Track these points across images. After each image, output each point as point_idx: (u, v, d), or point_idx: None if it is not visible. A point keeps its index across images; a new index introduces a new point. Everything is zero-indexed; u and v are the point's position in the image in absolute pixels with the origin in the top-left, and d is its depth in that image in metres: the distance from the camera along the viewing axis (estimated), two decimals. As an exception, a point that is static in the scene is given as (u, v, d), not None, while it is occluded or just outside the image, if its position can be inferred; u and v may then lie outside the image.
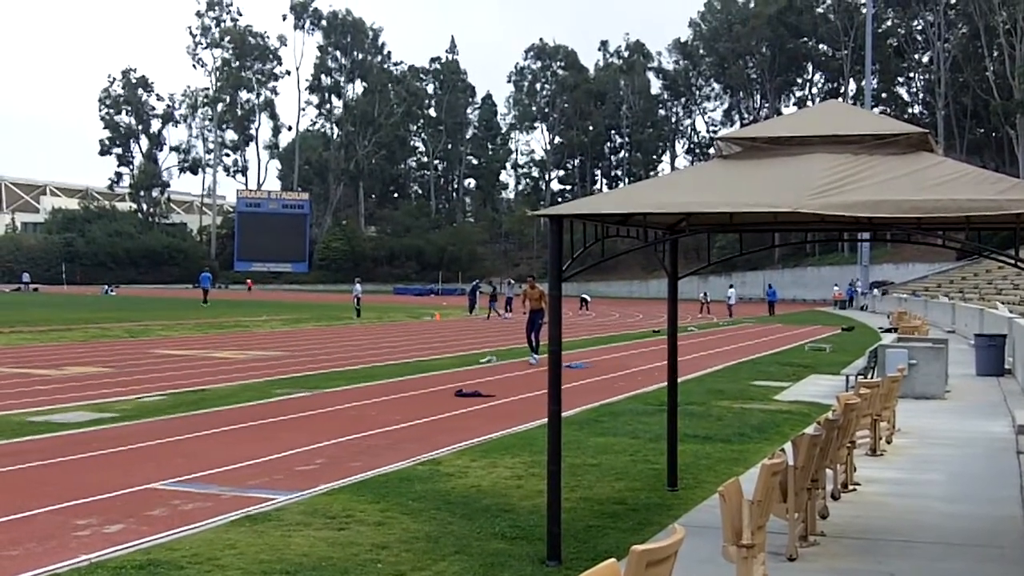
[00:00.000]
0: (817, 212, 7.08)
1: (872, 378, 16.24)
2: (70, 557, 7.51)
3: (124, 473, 10.74)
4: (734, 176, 7.99)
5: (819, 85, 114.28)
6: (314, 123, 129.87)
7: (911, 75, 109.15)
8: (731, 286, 64.29)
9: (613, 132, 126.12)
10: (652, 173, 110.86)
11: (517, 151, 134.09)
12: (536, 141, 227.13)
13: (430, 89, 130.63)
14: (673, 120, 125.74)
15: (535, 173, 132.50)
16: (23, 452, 11.90)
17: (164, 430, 13.73)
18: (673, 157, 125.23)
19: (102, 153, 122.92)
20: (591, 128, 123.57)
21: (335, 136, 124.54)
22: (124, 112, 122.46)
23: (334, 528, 8.46)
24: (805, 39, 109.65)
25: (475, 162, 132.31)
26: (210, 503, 9.39)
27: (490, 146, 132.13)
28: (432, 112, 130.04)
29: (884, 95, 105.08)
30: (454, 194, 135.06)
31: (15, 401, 16.41)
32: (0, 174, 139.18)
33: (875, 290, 73.61)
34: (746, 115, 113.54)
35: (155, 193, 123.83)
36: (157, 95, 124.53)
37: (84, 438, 13.04)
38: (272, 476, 10.70)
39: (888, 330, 38.34)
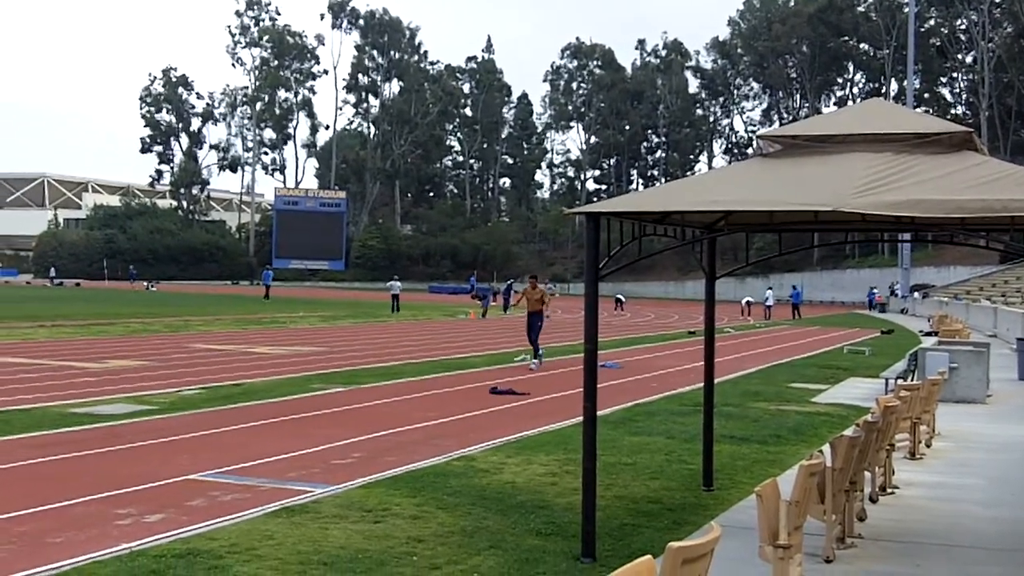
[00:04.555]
0: (858, 211, 7.03)
1: (912, 381, 16.10)
2: (111, 545, 7.61)
3: (164, 464, 10.86)
4: (774, 175, 7.94)
5: (860, 85, 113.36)
6: (351, 122, 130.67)
7: (954, 75, 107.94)
8: (769, 288, 63.91)
9: (650, 132, 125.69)
10: (689, 173, 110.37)
11: (553, 150, 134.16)
12: (572, 140, 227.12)
13: (466, 88, 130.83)
14: (711, 120, 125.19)
15: (570, 173, 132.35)
16: (65, 443, 12.06)
17: (203, 423, 13.87)
18: (710, 157, 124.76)
19: (143, 151, 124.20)
20: (627, 127, 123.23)
21: (372, 135, 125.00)
22: (165, 110, 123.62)
23: (370, 521, 8.51)
24: (846, 38, 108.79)
25: (510, 161, 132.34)
26: (248, 495, 9.47)
27: (525, 145, 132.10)
28: (468, 111, 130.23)
29: (926, 95, 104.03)
30: (489, 193, 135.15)
31: (58, 393, 16.62)
32: (43, 171, 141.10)
33: (915, 293, 72.92)
34: (785, 115, 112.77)
35: (195, 191, 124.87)
36: (197, 94, 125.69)
37: (125, 430, 13.19)
38: (309, 469, 10.78)
39: (928, 333, 38.00)
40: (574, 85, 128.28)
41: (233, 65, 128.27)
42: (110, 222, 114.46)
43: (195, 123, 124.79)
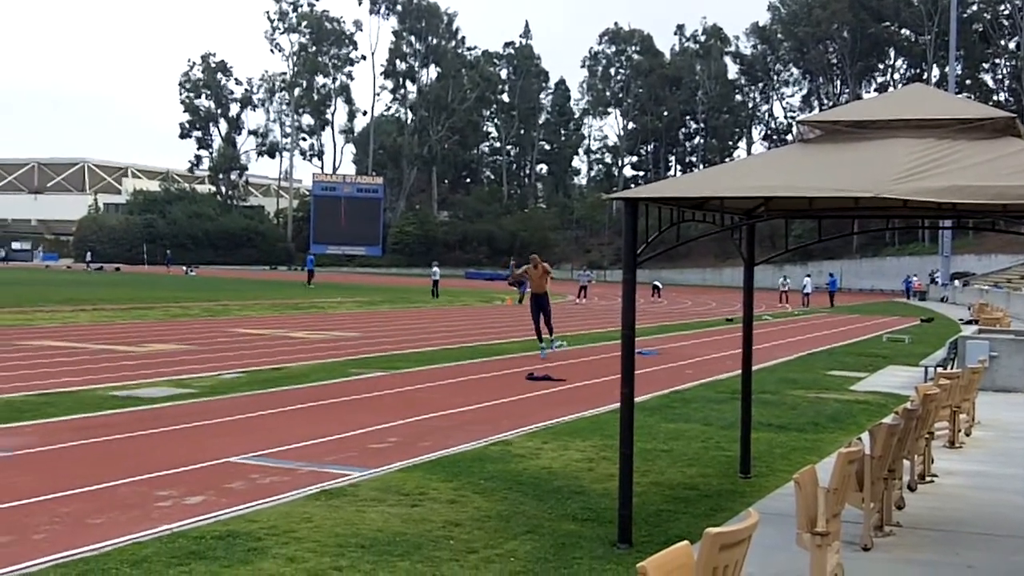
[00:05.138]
0: (899, 198, 6.97)
1: (952, 370, 15.95)
2: (152, 526, 7.71)
3: (203, 447, 10.98)
4: (815, 160, 7.89)
5: (901, 71, 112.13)
6: (388, 108, 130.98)
7: (996, 61, 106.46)
8: (807, 275, 63.45)
9: (688, 118, 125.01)
10: (728, 159, 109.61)
11: (590, 137, 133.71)
12: (609, 127, 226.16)
13: (503, 74, 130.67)
14: (750, 106, 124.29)
15: (608, 159, 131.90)
16: (107, 425, 12.22)
17: (242, 406, 14.00)
18: (749, 143, 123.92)
19: (182, 136, 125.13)
20: (666, 113, 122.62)
21: (409, 121, 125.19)
22: (204, 96, 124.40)
23: (407, 505, 8.57)
24: (887, 23, 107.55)
25: (547, 147, 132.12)
26: (287, 477, 9.56)
27: (563, 132, 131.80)
28: (505, 97, 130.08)
29: (968, 82, 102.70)
30: (526, 180, 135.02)
31: (99, 376, 16.83)
32: (83, 156, 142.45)
33: (956, 281, 72.15)
34: (825, 101, 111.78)
35: (233, 176, 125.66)
36: (236, 79, 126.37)
37: (165, 412, 13.35)
38: (346, 453, 10.86)
39: (969, 322, 37.60)
40: (612, 71, 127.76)
41: (271, 51, 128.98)
42: (150, 207, 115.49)
43: (234, 109, 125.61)
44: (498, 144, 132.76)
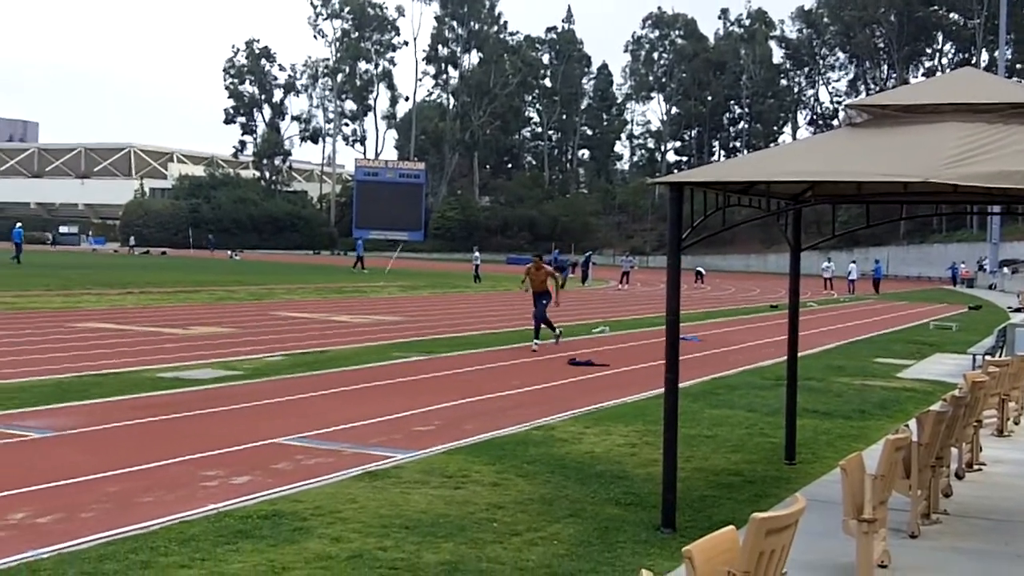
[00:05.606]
0: (949, 183, 6.87)
1: (1000, 357, 15.74)
2: (199, 506, 7.80)
3: (249, 428, 11.08)
4: (863, 145, 7.81)
5: (949, 55, 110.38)
6: (430, 93, 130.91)
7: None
8: (853, 261, 62.77)
9: (732, 102, 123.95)
10: (772, 144, 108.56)
11: (633, 122, 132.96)
12: (652, 112, 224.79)
13: (545, 59, 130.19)
14: (795, 90, 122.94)
15: (651, 144, 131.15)
16: (154, 406, 12.36)
17: (287, 388, 14.11)
18: (795, 128, 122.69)
19: (226, 122, 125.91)
20: (710, 98, 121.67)
21: (451, 106, 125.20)
22: (248, 82, 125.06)
23: (451, 487, 8.61)
24: (935, 7, 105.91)
25: (590, 133, 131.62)
26: (332, 459, 9.64)
27: (605, 117, 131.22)
28: (547, 82, 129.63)
29: (1018, 66, 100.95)
30: (568, 165, 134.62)
31: (147, 358, 17.03)
32: (129, 141, 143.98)
33: (1004, 268, 71.11)
34: (872, 85, 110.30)
35: (277, 161, 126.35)
36: (279, 65, 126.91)
37: (211, 394, 13.49)
38: (390, 435, 10.93)
39: (1018, 309, 37.07)
40: (655, 55, 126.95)
41: (315, 37, 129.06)
42: (195, 192, 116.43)
43: (277, 94, 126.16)
44: (540, 129, 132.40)
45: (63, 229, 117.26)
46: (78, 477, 8.64)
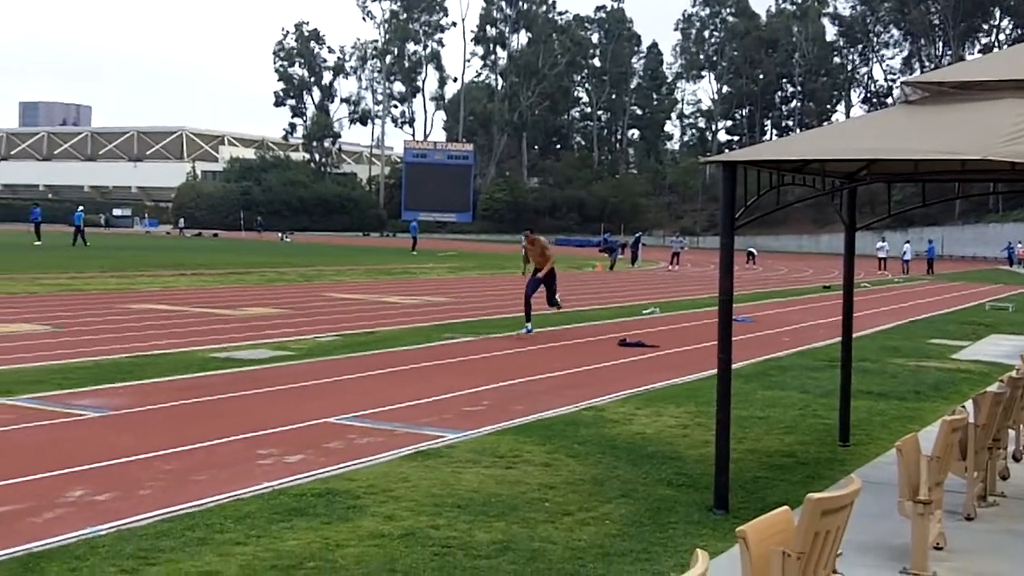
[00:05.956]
0: (1007, 160, 6.74)
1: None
2: (254, 484, 7.89)
3: (302, 407, 11.18)
4: (919, 122, 7.68)
5: (1006, 31, 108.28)
6: (479, 74, 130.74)
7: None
8: (907, 241, 61.97)
9: (784, 81, 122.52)
10: (825, 123, 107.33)
11: (683, 101, 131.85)
12: (703, 90, 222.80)
13: (595, 38, 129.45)
14: (848, 68, 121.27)
15: (701, 123, 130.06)
16: (208, 385, 12.51)
17: (338, 368, 14.21)
18: (848, 107, 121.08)
19: (276, 104, 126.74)
20: (761, 77, 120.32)
21: (499, 87, 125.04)
22: (297, 64, 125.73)
23: (502, 467, 8.62)
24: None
25: (639, 112, 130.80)
26: (383, 438, 9.70)
27: (655, 96, 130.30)
28: (596, 62, 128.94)
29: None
30: (617, 145, 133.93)
31: (200, 338, 17.23)
32: (181, 125, 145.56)
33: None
34: (927, 63, 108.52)
35: (327, 144, 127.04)
36: (328, 48, 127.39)
37: (264, 374, 13.61)
38: (441, 415, 10.97)
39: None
40: (706, 33, 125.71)
41: (363, 19, 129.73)
42: (246, 174, 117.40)
43: (326, 77, 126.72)
44: (589, 109, 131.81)
45: (116, 212, 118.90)
46: (134, 455, 8.76)
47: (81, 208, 62.18)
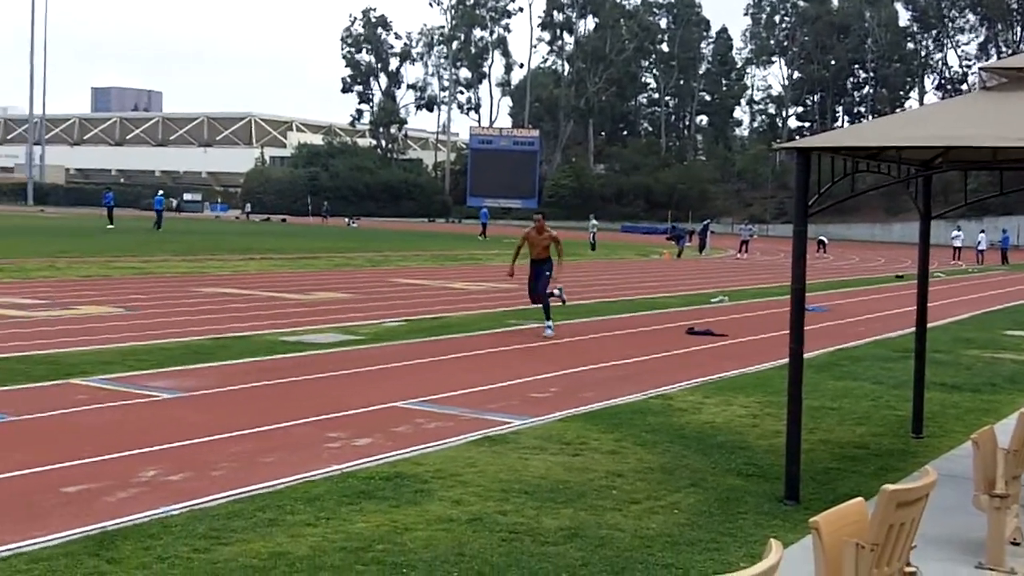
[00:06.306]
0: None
1: None
2: (323, 466, 7.96)
3: (369, 391, 11.26)
4: (998, 109, 7.51)
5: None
6: (545, 60, 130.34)
7: None
8: (982, 231, 60.71)
9: (856, 67, 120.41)
10: (898, 109, 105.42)
11: (753, 87, 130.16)
12: (773, 76, 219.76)
13: (663, 24, 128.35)
14: (922, 54, 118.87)
15: (771, 110, 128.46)
16: (278, 369, 12.65)
17: (406, 353, 14.29)
18: (922, 93, 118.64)
19: (344, 91, 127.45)
20: (833, 62, 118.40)
21: (566, 73, 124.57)
22: (364, 51, 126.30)
23: (569, 454, 8.60)
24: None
25: (708, 98, 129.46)
26: (450, 423, 9.73)
27: (724, 82, 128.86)
28: (664, 47, 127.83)
29: None
30: (685, 131, 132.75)
31: (269, 322, 17.43)
32: (250, 111, 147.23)
33: None
34: (1004, 48, 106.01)
35: (393, 130, 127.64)
36: (395, 34, 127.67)
37: (332, 358, 13.73)
38: (508, 401, 10.98)
39: None
40: (776, 18, 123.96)
41: (430, 4, 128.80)
42: (313, 160, 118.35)
43: (393, 63, 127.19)
44: (656, 95, 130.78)
45: (187, 196, 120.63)
46: (205, 437, 8.89)
47: (161, 192, 63.17)
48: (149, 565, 5.71)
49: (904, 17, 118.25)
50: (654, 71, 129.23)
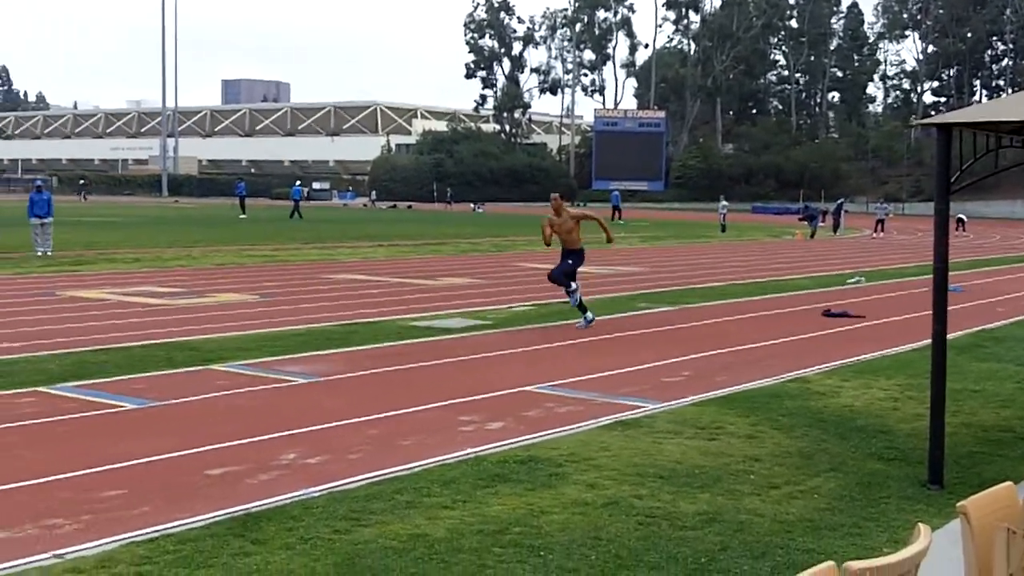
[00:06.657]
0: None
1: None
2: (457, 449, 8.03)
3: (500, 375, 11.31)
4: None
5: None
6: (670, 39, 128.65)
7: None
8: None
9: (995, 39, 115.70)
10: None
11: (886, 62, 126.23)
12: (907, 51, 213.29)
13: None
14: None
15: (906, 85, 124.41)
16: (410, 353, 12.81)
17: (534, 338, 14.32)
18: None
19: (467, 77, 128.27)
20: (969, 35, 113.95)
21: (692, 52, 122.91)
22: (487, 36, 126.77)
23: (704, 438, 8.49)
24: None
25: (839, 75, 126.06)
26: (582, 407, 9.70)
27: (856, 57, 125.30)
28: (793, 23, 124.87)
29: None
30: (816, 109, 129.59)
31: (399, 308, 17.68)
32: (375, 99, 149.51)
33: None
34: None
35: (517, 114, 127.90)
36: (518, 18, 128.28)
37: (462, 342, 13.85)
38: (640, 385, 10.89)
39: None
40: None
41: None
42: (438, 147, 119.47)
43: (516, 47, 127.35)
44: (786, 72, 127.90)
45: (316, 185, 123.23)
46: (341, 420, 9.05)
47: (299, 182, 64.54)
48: (292, 546, 5.83)
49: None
50: (783, 48, 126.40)
